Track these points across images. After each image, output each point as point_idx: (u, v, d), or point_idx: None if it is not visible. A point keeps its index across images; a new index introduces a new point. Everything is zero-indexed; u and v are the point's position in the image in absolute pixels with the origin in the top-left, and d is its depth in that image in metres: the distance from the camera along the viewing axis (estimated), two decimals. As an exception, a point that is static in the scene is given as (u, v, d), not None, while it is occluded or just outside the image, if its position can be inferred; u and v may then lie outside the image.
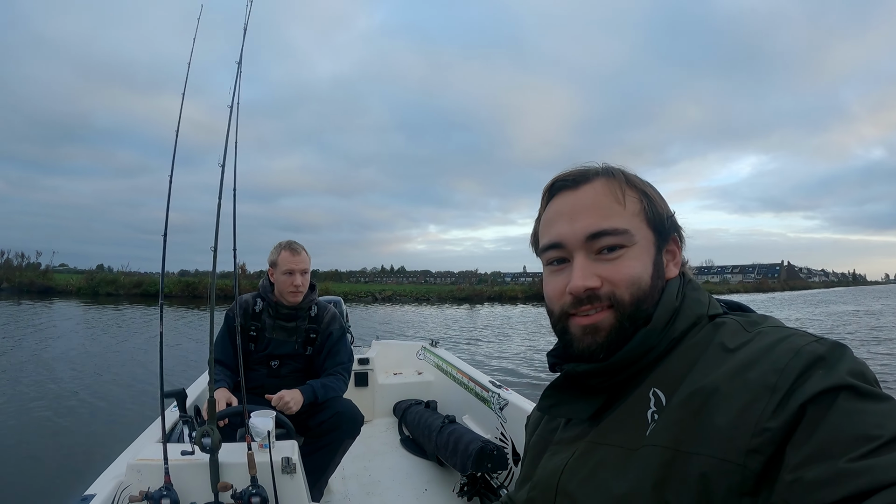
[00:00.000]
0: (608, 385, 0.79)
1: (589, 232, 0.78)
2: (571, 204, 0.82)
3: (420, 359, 4.71)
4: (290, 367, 2.72)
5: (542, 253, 0.86)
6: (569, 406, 0.83)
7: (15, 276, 35.65)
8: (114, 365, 9.56)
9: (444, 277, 80.00)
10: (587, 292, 0.76)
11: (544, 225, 0.86)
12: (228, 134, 1.96)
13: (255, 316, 2.72)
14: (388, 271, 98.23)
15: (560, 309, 0.81)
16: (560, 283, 0.81)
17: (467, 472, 2.68)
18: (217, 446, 1.70)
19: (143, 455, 1.81)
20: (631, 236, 0.78)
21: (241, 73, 2.06)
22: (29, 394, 7.50)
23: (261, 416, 1.91)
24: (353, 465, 3.21)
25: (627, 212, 0.79)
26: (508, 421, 2.93)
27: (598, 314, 0.77)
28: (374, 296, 43.82)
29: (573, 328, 0.80)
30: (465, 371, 3.75)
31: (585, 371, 0.79)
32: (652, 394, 0.71)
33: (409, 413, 3.76)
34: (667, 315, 0.76)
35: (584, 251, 0.78)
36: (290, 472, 1.82)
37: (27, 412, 6.61)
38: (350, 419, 2.55)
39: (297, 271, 2.67)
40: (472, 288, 48.95)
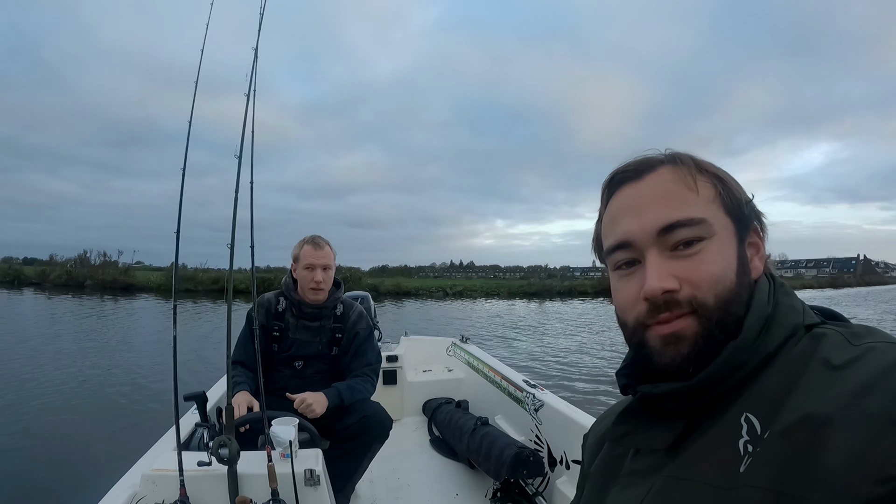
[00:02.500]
0: (689, 408, 0.67)
1: (660, 224, 0.67)
2: (636, 196, 0.71)
3: (450, 355, 4.59)
4: (314, 367, 2.60)
5: (608, 256, 0.75)
6: (644, 434, 0.72)
7: (98, 274, 36.83)
8: (151, 363, 9.59)
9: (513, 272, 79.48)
10: (665, 295, 0.65)
11: (607, 224, 0.75)
12: (245, 123, 1.86)
13: (278, 315, 2.61)
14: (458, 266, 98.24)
15: (635, 319, 0.70)
16: (632, 289, 0.70)
17: (502, 478, 2.56)
18: (235, 457, 1.60)
19: (158, 465, 1.72)
20: (709, 226, 0.67)
21: (258, 60, 1.96)
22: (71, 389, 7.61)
23: (282, 423, 1.80)
24: (381, 468, 3.09)
25: (701, 199, 0.68)
26: (544, 423, 2.80)
27: (678, 321, 0.66)
28: (444, 290, 43.86)
29: (652, 340, 0.68)
30: (498, 369, 3.61)
31: (665, 393, 0.68)
32: (744, 420, 0.60)
33: (440, 412, 3.65)
34: (758, 324, 0.65)
35: (656, 248, 0.68)
36: (314, 485, 1.71)
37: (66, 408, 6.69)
38: (378, 423, 2.43)
39: (319, 266, 2.53)
40: (541, 283, 48.81)
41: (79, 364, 9.34)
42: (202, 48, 2.00)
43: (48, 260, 43.22)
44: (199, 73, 1.96)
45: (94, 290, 32.58)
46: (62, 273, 38.21)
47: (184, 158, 1.84)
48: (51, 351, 10.84)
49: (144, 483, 1.67)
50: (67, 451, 5.22)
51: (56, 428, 5.94)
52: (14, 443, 5.42)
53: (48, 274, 38.50)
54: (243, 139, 1.84)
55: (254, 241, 1.87)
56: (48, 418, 6.29)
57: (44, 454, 5.13)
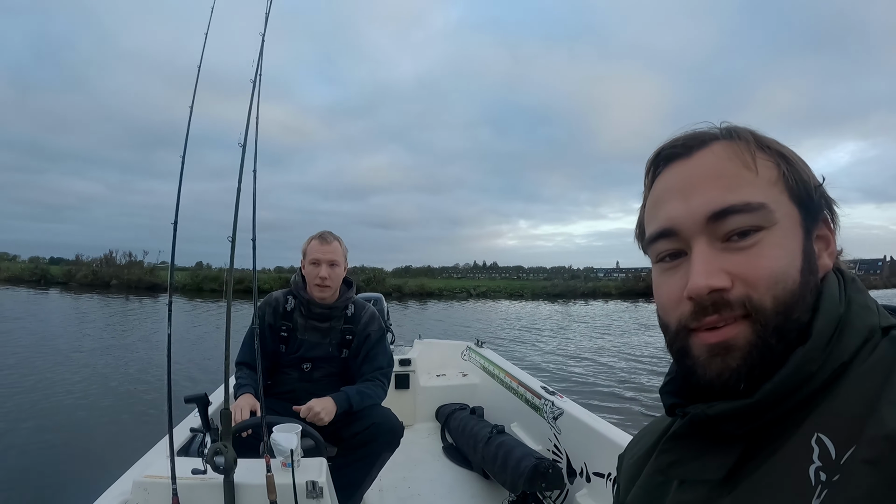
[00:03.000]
0: (748, 430, 0.55)
1: (711, 210, 0.56)
2: (684, 176, 0.61)
3: (465, 360, 4.47)
4: (323, 370, 2.48)
5: (650, 245, 0.64)
6: (694, 463, 0.59)
7: (123, 274, 37.77)
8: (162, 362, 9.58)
9: (536, 273, 79.41)
10: (713, 295, 0.54)
11: (650, 208, 0.65)
12: (250, 111, 1.77)
13: (286, 315, 2.49)
14: (481, 267, 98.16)
15: (677, 322, 0.59)
16: (675, 286, 0.59)
17: (519, 490, 2.43)
18: (232, 466, 1.48)
19: (151, 471, 1.62)
20: (769, 213, 0.55)
21: (265, 48, 1.88)
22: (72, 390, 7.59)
23: (284, 430, 1.69)
24: (391, 476, 2.97)
25: (761, 180, 0.57)
26: (563, 433, 2.67)
27: (728, 327, 0.55)
28: (468, 291, 43.99)
29: (696, 348, 0.57)
30: (514, 374, 3.48)
31: (721, 413, 0.55)
32: (815, 442, 0.49)
33: (453, 419, 3.52)
34: (830, 327, 0.54)
35: (705, 237, 0.57)
36: (316, 497, 1.59)
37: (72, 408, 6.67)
38: (389, 430, 2.30)
39: (324, 262, 2.41)
40: (565, 284, 48.90)
41: (93, 363, 9.44)
42: (203, 45, 1.93)
43: (74, 260, 44.36)
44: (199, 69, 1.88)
45: (119, 290, 33.21)
46: (88, 273, 39.13)
47: (183, 148, 1.75)
48: (68, 349, 10.97)
49: (136, 490, 1.58)
50: (68, 453, 5.18)
51: (60, 428, 5.91)
52: (11, 442, 5.40)
53: (74, 273, 39.38)
54: (248, 127, 1.75)
55: (255, 235, 1.78)
56: (55, 417, 6.28)
57: (43, 455, 5.08)
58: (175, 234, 1.65)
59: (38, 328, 14.36)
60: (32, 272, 41.57)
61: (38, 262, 50.72)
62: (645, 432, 0.78)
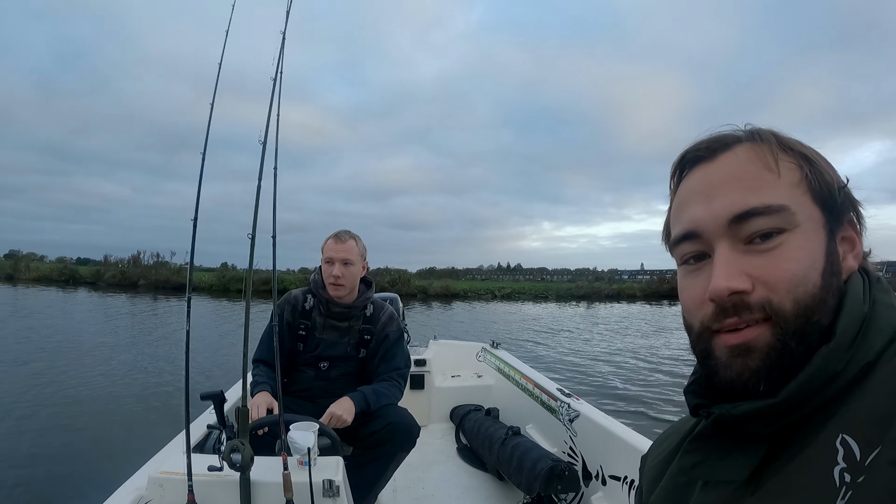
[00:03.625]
0: (772, 431, 0.56)
1: (733, 212, 0.57)
2: (708, 179, 0.62)
3: (480, 361, 4.45)
4: (340, 369, 2.48)
5: (674, 247, 0.65)
6: (719, 463, 0.60)
7: (151, 274, 38.61)
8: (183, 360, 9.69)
9: (560, 275, 79.09)
10: (733, 297, 0.55)
11: (675, 211, 0.66)
12: (270, 109, 1.78)
13: (305, 313, 2.49)
14: (505, 269, 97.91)
15: (700, 323, 0.60)
16: (699, 288, 0.60)
17: (534, 493, 2.42)
18: (248, 464, 1.48)
19: (167, 467, 1.62)
20: (791, 215, 0.56)
21: (285, 47, 1.90)
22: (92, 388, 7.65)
23: (301, 428, 1.68)
24: (406, 476, 2.96)
25: (784, 182, 0.58)
26: (579, 435, 2.65)
27: (748, 329, 0.56)
28: (493, 293, 44.14)
29: (718, 349, 0.58)
30: (529, 376, 3.47)
31: (746, 413, 0.56)
32: (840, 443, 0.49)
33: (468, 420, 3.51)
34: (854, 327, 0.54)
35: (727, 239, 0.58)
36: (333, 496, 1.59)
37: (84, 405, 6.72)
38: (405, 431, 2.30)
39: (338, 260, 2.40)
40: (589, 286, 48.99)
41: (115, 359, 9.55)
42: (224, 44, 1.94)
43: (102, 260, 45.35)
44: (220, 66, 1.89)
45: (147, 290, 33.78)
46: (116, 273, 39.93)
47: (203, 146, 1.75)
48: (91, 345, 11.15)
49: (151, 486, 1.59)
50: (84, 447, 5.21)
51: (78, 422, 5.97)
52: (29, 435, 5.46)
53: (102, 274, 40.15)
54: (268, 124, 1.76)
55: (276, 233, 1.78)
56: (73, 411, 6.34)
57: (59, 449, 5.11)
58: (195, 232, 1.65)
59: (66, 325, 14.65)
60: (61, 272, 42.30)
61: (65, 263, 51.68)
62: (669, 433, 0.78)
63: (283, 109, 1.82)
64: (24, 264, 45.84)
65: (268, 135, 1.74)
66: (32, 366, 8.75)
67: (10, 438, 5.36)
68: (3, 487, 4.21)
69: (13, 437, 5.40)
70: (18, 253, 56.11)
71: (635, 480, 2.16)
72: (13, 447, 5.11)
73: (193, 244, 1.67)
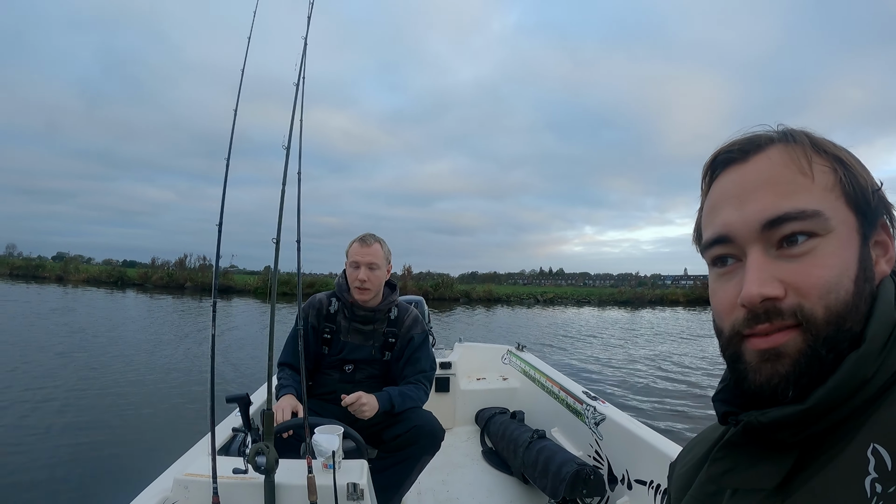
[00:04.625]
0: (802, 438, 0.55)
1: (766, 217, 0.56)
2: (740, 182, 0.61)
3: (505, 363, 4.43)
4: (365, 372, 2.48)
5: (706, 251, 0.64)
6: (748, 471, 0.59)
7: (197, 276, 39.48)
8: (220, 361, 9.81)
9: (602, 280, 79.38)
10: (765, 304, 0.55)
11: (707, 213, 0.65)
12: (294, 114, 1.80)
13: (330, 317, 2.50)
14: (547, 273, 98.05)
15: (731, 328, 0.60)
16: (730, 292, 0.60)
17: (559, 497, 2.40)
18: (273, 466, 1.49)
19: (192, 469, 1.64)
20: (824, 220, 0.55)
21: (307, 52, 1.91)
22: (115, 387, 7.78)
23: (326, 431, 1.69)
24: (430, 479, 2.96)
25: (817, 186, 0.57)
26: (605, 439, 2.63)
27: (779, 334, 0.55)
28: (535, 298, 44.29)
29: (747, 354, 0.58)
30: (555, 379, 3.44)
31: (775, 420, 0.55)
32: (871, 452, 0.48)
33: (493, 423, 3.49)
34: (885, 332, 0.53)
35: (760, 245, 0.57)
36: (357, 499, 1.59)
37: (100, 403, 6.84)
38: (429, 434, 2.29)
39: (363, 264, 2.40)
40: (632, 291, 49.41)
41: (152, 361, 9.67)
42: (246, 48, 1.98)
43: (147, 263, 46.41)
44: (242, 73, 1.93)
45: (193, 292, 34.48)
46: (163, 275, 40.89)
47: (228, 150, 1.77)
48: (129, 345, 11.36)
49: (176, 487, 1.60)
50: (112, 448, 5.28)
51: (108, 423, 6.06)
52: (60, 435, 5.54)
53: (150, 276, 41.29)
54: (291, 129, 1.77)
55: (300, 237, 1.79)
56: (103, 412, 6.45)
57: (87, 450, 5.18)
58: (220, 235, 1.68)
59: (111, 324, 15.07)
60: (109, 274, 43.50)
61: (111, 265, 53.09)
62: (697, 441, 0.78)
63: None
64: (74, 266, 47.12)
65: (291, 139, 1.76)
66: (73, 362, 9.01)
67: (41, 435, 5.48)
68: (31, 487, 4.29)
69: (44, 434, 5.52)
70: (66, 255, 57.65)
71: (661, 485, 2.13)
72: (43, 445, 5.21)
73: (218, 249, 1.69)
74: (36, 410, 6.26)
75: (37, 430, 5.60)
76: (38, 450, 5.06)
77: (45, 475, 4.52)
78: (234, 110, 1.81)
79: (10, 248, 64.84)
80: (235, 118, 1.83)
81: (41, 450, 5.07)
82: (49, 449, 5.10)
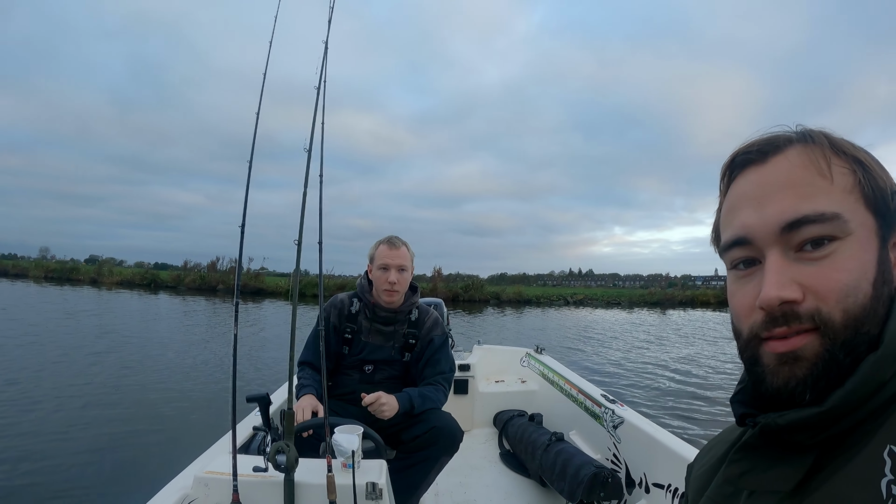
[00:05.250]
0: (819, 441, 0.55)
1: (785, 220, 0.56)
2: (758, 183, 0.61)
3: (524, 366, 4.43)
4: (385, 373, 2.50)
5: (725, 252, 0.64)
6: (765, 473, 0.59)
7: (230, 279, 39.42)
8: (245, 360, 9.93)
9: (632, 281, 78.73)
10: (783, 307, 0.55)
11: (725, 215, 0.65)
12: (315, 116, 1.82)
13: (351, 317, 2.52)
14: (576, 274, 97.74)
15: (749, 330, 0.59)
16: (749, 294, 0.60)
17: (577, 500, 2.39)
18: (293, 465, 1.51)
19: (212, 467, 1.66)
20: (844, 223, 0.55)
21: (328, 55, 1.94)
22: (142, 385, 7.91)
23: (346, 431, 1.70)
24: (448, 481, 2.97)
25: (836, 188, 0.57)
26: (623, 442, 2.61)
27: (796, 337, 0.55)
28: (565, 299, 44.17)
29: (765, 357, 0.58)
30: (574, 382, 3.43)
31: (792, 422, 0.55)
32: (888, 454, 0.48)
33: (511, 425, 3.49)
34: None
35: (779, 247, 0.57)
36: (376, 499, 1.60)
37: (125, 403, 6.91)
38: (448, 435, 2.30)
39: (393, 267, 2.42)
40: (662, 292, 48.76)
41: (178, 360, 9.81)
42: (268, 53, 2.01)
43: (181, 266, 46.82)
44: (264, 77, 1.95)
45: (225, 294, 34.87)
46: (196, 277, 41.27)
47: (250, 152, 1.80)
48: (155, 344, 11.56)
49: (196, 485, 1.62)
50: (134, 445, 5.34)
51: (132, 419, 6.15)
52: (82, 431, 5.63)
53: (183, 278, 41.71)
54: (313, 132, 1.80)
55: (321, 238, 1.82)
56: (127, 409, 6.56)
57: (109, 446, 5.25)
58: (242, 239, 1.70)
59: (144, 325, 15.40)
60: (143, 276, 44.03)
61: (143, 267, 54.24)
62: (715, 442, 0.78)
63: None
64: (107, 269, 47.91)
65: (312, 141, 1.79)
66: (103, 360, 9.23)
67: (63, 432, 5.57)
68: (51, 482, 4.35)
69: (67, 430, 5.61)
70: (98, 258, 58.57)
71: (679, 489, 2.12)
72: (66, 441, 5.30)
73: (241, 251, 1.72)
74: (62, 408, 6.39)
75: (60, 427, 5.70)
76: (61, 446, 5.15)
77: (66, 470, 4.60)
78: (257, 114, 1.85)
79: (43, 252, 66.88)
80: (258, 122, 1.86)
81: (63, 446, 5.15)
82: (71, 445, 5.19)
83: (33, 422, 5.78)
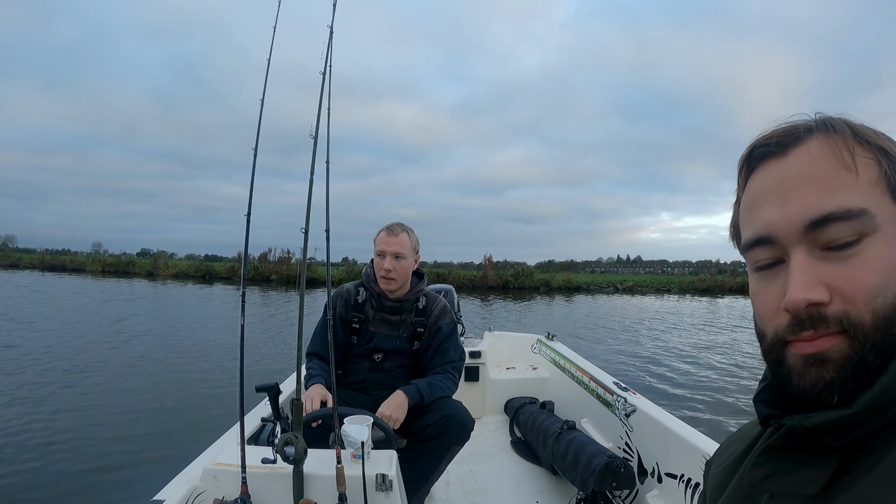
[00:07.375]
0: (845, 443, 0.52)
1: (809, 218, 0.53)
2: (779, 177, 0.57)
3: (535, 353, 4.41)
4: (394, 361, 2.48)
5: (746, 251, 0.61)
6: (789, 476, 0.56)
7: (283, 269, 40.55)
8: (272, 351, 9.99)
9: (681, 267, 78.48)
10: (810, 309, 0.52)
11: (745, 210, 0.62)
12: (321, 103, 1.79)
13: (358, 307, 2.50)
14: (625, 261, 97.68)
15: (774, 333, 0.57)
16: (773, 295, 0.57)
17: (588, 489, 2.37)
18: (302, 457, 1.50)
19: (221, 458, 1.65)
20: (871, 219, 0.52)
21: (333, 41, 1.91)
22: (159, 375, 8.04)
23: (355, 421, 1.69)
24: (459, 469, 2.96)
25: (862, 181, 0.53)
26: (635, 431, 2.59)
27: (823, 339, 0.52)
28: (615, 286, 44.34)
29: (791, 359, 0.55)
30: (585, 369, 3.41)
31: (819, 424, 0.52)
32: None
33: (522, 413, 3.48)
34: None
35: (804, 246, 0.54)
36: (386, 490, 1.59)
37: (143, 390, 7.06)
38: (459, 424, 2.28)
39: (389, 254, 2.38)
40: (712, 279, 48.68)
41: (205, 354, 9.86)
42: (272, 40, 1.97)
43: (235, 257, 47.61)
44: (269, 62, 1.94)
45: (279, 284, 35.73)
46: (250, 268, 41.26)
47: (255, 140, 1.78)
48: (192, 335, 12.07)
49: (205, 477, 1.62)
50: (144, 436, 5.37)
51: (137, 409, 6.22)
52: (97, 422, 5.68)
53: (237, 269, 42.18)
54: (319, 119, 1.77)
55: (329, 226, 1.80)
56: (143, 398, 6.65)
57: (120, 437, 5.29)
58: (248, 226, 1.68)
59: (195, 315, 16.08)
60: (197, 269, 45.25)
61: (195, 259, 55.70)
62: (734, 439, 0.76)
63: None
64: (163, 262, 48.83)
65: (318, 129, 1.76)
66: (144, 348, 9.65)
67: (76, 420, 5.66)
68: (61, 474, 4.38)
69: (79, 420, 5.68)
70: (150, 251, 60.33)
71: (692, 479, 2.10)
72: (77, 431, 5.36)
73: (247, 240, 1.70)
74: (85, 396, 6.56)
75: (75, 416, 5.77)
76: (71, 436, 5.20)
77: (75, 461, 4.63)
78: (261, 102, 1.82)
79: (96, 247, 70.99)
80: (262, 113, 1.85)
81: (74, 436, 5.21)
82: (83, 436, 5.24)
83: (50, 411, 5.88)
